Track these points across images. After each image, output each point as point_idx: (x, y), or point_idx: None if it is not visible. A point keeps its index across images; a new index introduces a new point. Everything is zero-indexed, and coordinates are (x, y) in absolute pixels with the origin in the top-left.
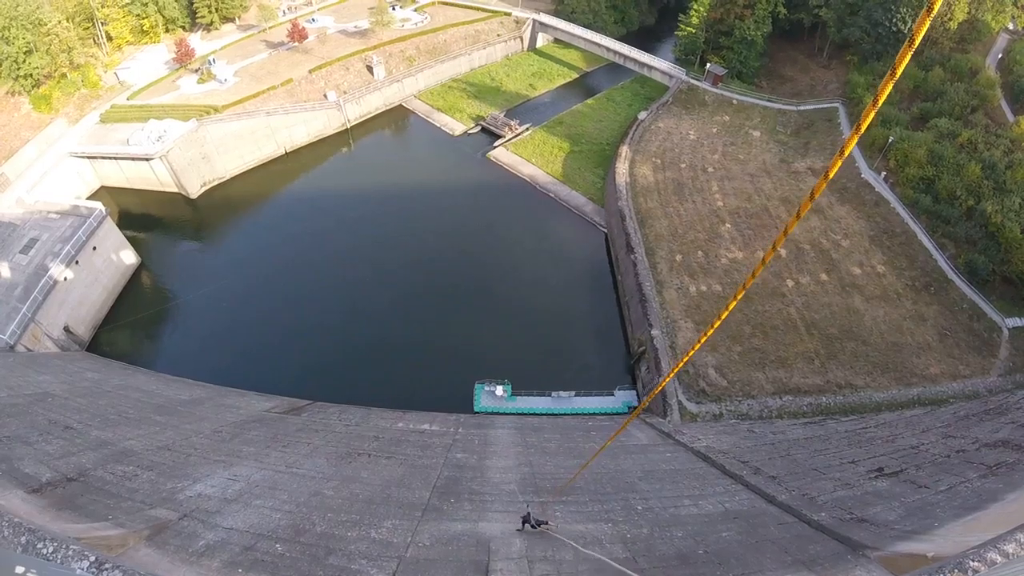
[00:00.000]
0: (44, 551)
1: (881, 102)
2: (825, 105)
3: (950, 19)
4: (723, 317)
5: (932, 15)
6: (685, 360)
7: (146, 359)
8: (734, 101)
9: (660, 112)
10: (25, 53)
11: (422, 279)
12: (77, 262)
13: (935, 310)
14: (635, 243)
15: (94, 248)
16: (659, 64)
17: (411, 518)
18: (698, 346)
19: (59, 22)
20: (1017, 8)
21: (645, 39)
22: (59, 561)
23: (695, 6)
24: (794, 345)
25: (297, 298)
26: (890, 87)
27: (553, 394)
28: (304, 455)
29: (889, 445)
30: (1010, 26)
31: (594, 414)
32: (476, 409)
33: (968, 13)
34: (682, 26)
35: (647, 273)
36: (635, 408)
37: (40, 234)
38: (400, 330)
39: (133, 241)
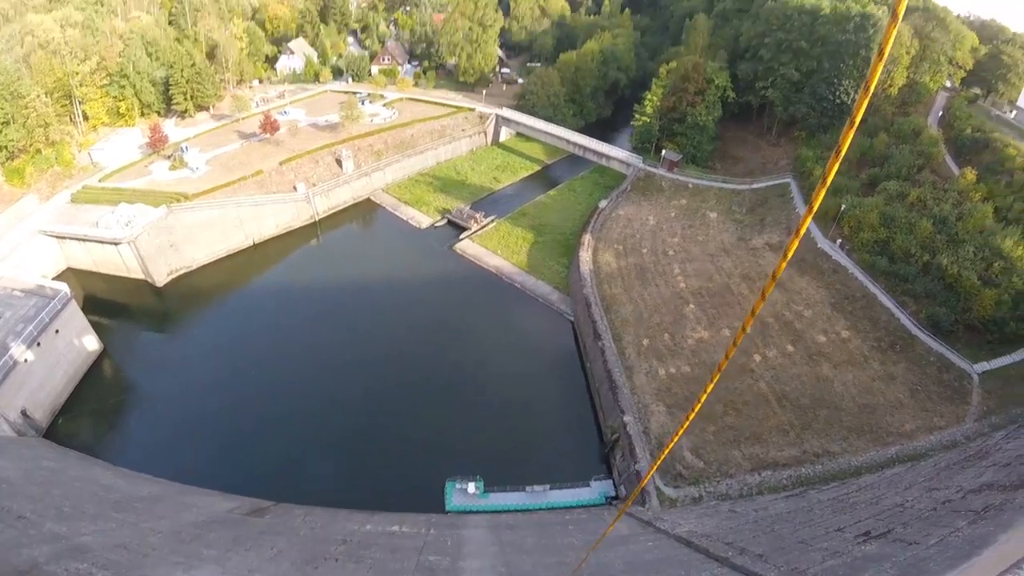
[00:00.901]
0: None
1: (830, 181)
2: (777, 181)
3: (890, 85)
4: (696, 409)
5: (870, 94)
6: (664, 454)
7: (105, 451)
8: (690, 185)
9: (620, 200)
10: (2, 124)
11: (390, 374)
12: (39, 344)
13: (903, 367)
14: (602, 330)
15: (57, 331)
16: (617, 153)
17: None
18: (676, 438)
19: (38, 96)
20: (952, 66)
21: (603, 130)
22: None
23: (648, 96)
24: (767, 419)
25: (262, 393)
26: (837, 166)
27: (527, 489)
28: (268, 559)
29: (873, 507)
30: (948, 84)
31: (571, 507)
32: (448, 508)
33: (907, 77)
34: (637, 116)
35: (616, 359)
36: (612, 498)
37: (2, 311)
38: (367, 427)
39: (97, 327)
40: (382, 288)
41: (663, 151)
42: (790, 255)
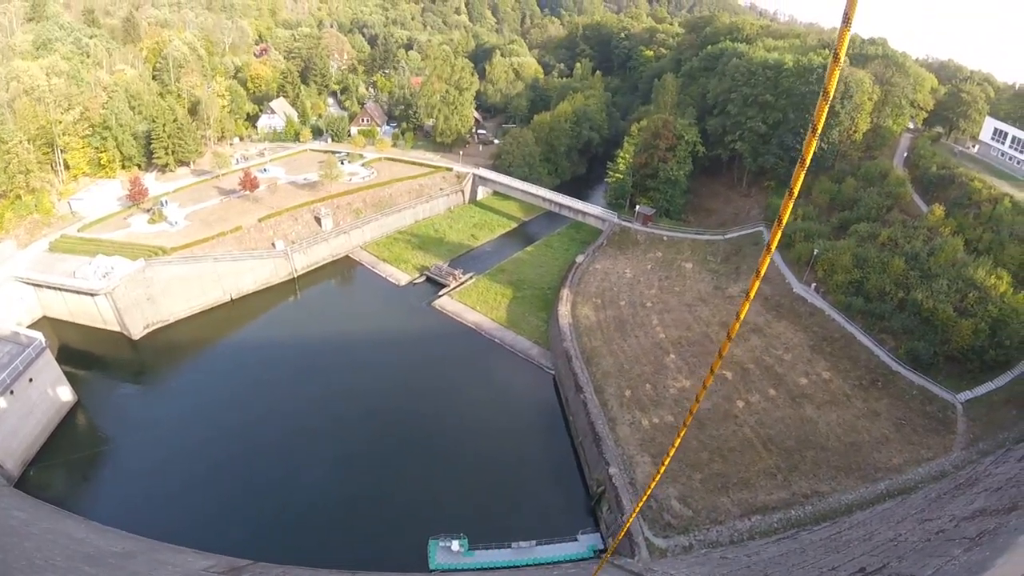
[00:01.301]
0: None
1: (785, 221)
2: (750, 230)
3: (855, 132)
4: (671, 454)
5: (817, 135)
6: (644, 499)
7: (77, 503)
8: (664, 238)
9: (596, 254)
10: None
11: (370, 430)
12: (11, 392)
13: (886, 403)
14: (583, 382)
15: (31, 379)
16: (592, 210)
17: None
18: (654, 484)
19: (20, 142)
20: (914, 108)
21: (578, 187)
22: None
23: (621, 153)
24: (754, 464)
25: (240, 449)
26: (791, 206)
27: (513, 545)
28: None
29: (867, 544)
30: (910, 125)
31: (559, 562)
32: (431, 567)
33: (871, 122)
34: (611, 173)
35: (598, 411)
36: (601, 551)
37: None
38: (348, 484)
39: (71, 377)
40: (361, 345)
41: (637, 206)
42: (752, 295)
